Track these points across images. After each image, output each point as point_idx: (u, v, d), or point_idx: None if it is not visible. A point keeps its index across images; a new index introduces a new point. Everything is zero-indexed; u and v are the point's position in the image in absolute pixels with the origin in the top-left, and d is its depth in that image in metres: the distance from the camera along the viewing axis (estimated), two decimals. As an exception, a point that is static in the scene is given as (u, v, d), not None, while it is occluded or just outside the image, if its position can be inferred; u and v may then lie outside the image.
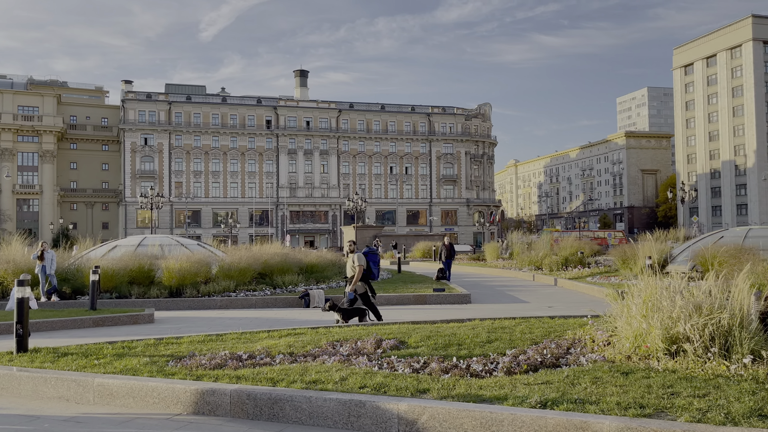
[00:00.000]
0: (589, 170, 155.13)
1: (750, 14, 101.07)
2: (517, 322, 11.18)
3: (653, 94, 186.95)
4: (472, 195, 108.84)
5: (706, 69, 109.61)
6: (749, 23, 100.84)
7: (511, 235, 37.13)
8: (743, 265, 10.24)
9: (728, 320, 7.40)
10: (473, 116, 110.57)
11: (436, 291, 19.38)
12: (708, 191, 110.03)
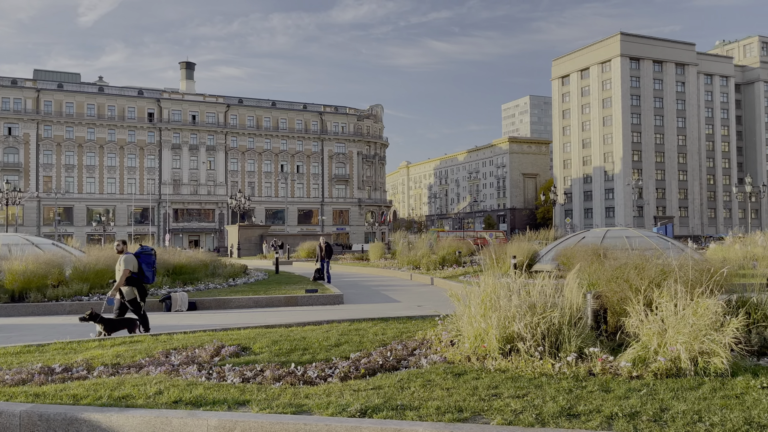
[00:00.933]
0: (475, 173, 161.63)
1: (619, 32, 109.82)
2: (375, 323, 11.02)
3: (535, 102, 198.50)
4: (364, 195, 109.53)
5: (581, 81, 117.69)
6: (618, 40, 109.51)
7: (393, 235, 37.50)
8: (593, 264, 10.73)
9: (559, 319, 7.60)
10: (365, 117, 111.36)
11: (309, 292, 18.96)
12: (581, 195, 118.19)
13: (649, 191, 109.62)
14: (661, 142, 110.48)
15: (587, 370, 6.69)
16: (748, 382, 6.03)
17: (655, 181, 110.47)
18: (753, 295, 8.70)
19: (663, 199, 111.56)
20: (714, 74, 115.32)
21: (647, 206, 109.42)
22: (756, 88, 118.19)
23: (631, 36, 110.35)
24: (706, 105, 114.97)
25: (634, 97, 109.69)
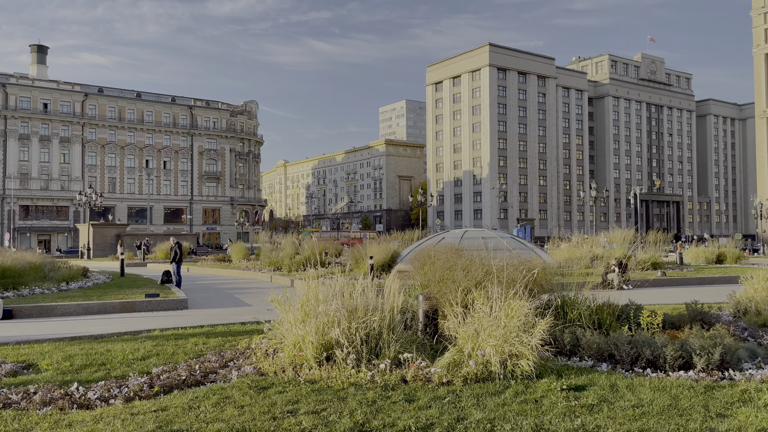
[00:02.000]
0: (353, 174, 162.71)
1: (488, 43, 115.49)
2: (201, 330, 10.14)
3: (411, 106, 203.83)
4: (236, 193, 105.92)
5: (453, 88, 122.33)
6: (487, 51, 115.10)
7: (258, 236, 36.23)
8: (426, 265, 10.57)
9: (379, 323, 7.26)
10: (239, 113, 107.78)
11: (149, 297, 17.44)
12: (452, 197, 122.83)
13: (513, 195, 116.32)
14: (524, 149, 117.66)
15: (400, 378, 6.38)
16: (550, 385, 6.00)
17: (519, 185, 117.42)
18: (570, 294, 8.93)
19: (525, 203, 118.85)
20: (571, 87, 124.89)
21: (511, 209, 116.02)
22: (606, 102, 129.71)
23: (499, 47, 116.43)
24: (563, 116, 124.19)
25: (500, 106, 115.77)
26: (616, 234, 29.55)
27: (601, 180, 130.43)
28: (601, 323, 8.58)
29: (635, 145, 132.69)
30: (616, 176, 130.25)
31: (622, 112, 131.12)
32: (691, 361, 6.73)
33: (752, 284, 11.31)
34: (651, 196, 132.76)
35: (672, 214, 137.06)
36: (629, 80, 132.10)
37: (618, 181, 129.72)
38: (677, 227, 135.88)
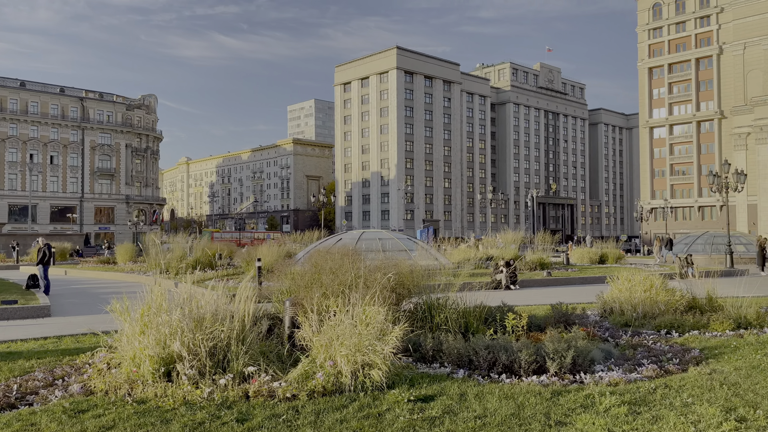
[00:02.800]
0: (260, 173, 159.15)
1: (395, 46, 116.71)
2: (44, 342, 9.09)
3: (320, 106, 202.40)
4: (133, 191, 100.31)
5: (361, 89, 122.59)
6: (394, 53, 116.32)
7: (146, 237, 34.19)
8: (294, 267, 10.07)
9: (228, 333, 6.70)
10: (137, 107, 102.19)
11: (5, 304, 15.79)
12: (360, 198, 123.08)
13: (420, 196, 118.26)
14: (431, 151, 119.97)
15: (243, 394, 5.86)
16: (399, 396, 5.72)
17: (425, 187, 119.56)
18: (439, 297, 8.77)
19: (431, 204, 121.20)
20: (475, 93, 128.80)
21: (417, 210, 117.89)
22: (507, 108, 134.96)
23: (406, 51, 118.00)
24: (467, 120, 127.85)
25: (408, 108, 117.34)
26: (507, 235, 30.46)
27: (502, 183, 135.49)
28: (468, 327, 8.48)
29: (534, 150, 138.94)
30: (516, 179, 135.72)
31: (522, 118, 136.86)
32: (545, 365, 6.70)
33: (617, 285, 11.74)
34: (548, 198, 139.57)
35: (567, 216, 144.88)
36: (529, 88, 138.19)
37: (518, 184, 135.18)
38: (571, 229, 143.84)
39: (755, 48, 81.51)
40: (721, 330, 9.80)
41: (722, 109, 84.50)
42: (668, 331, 9.84)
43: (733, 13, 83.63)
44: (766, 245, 29.54)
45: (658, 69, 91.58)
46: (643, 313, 10.82)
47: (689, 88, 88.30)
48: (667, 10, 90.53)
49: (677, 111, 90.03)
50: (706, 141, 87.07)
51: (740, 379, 6.55)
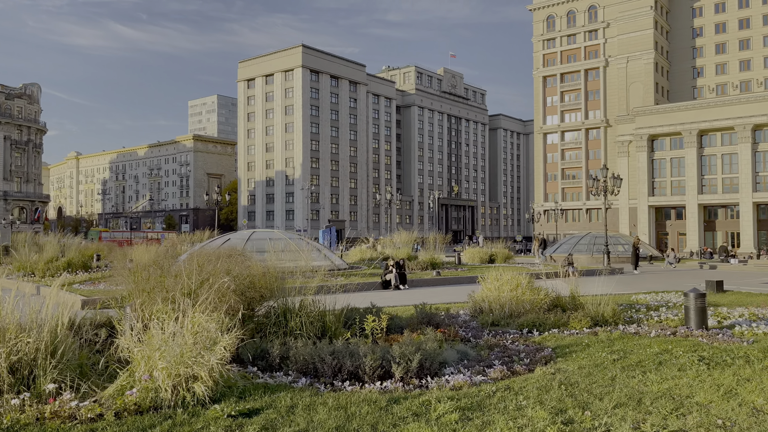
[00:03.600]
0: (157, 170, 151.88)
1: (301, 44, 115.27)
2: None
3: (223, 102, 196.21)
4: (11, 187, 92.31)
5: (266, 86, 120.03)
6: (300, 51, 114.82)
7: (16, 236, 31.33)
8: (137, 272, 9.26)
9: (35, 345, 5.90)
10: (17, 96, 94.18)
11: None
12: (264, 197, 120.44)
13: (325, 196, 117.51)
14: (336, 151, 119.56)
15: (39, 415, 5.12)
16: (219, 412, 5.21)
17: (331, 187, 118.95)
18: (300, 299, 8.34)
19: (337, 204, 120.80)
20: (381, 95, 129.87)
21: (323, 210, 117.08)
22: (412, 111, 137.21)
23: (312, 50, 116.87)
24: (373, 122, 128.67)
25: (313, 108, 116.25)
26: (402, 235, 30.57)
27: (407, 184, 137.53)
28: (325, 331, 8.10)
29: (437, 153, 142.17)
30: (420, 181, 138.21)
31: (426, 121, 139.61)
32: (390, 370, 6.43)
33: (486, 285, 11.84)
34: (450, 200, 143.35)
35: (468, 218, 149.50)
36: (433, 92, 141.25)
37: (422, 186, 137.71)
38: (472, 229, 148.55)
39: (637, 62, 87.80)
40: (579, 328, 10.06)
41: (608, 117, 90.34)
42: (530, 329, 9.98)
43: (618, 29, 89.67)
44: (639, 245, 31.64)
45: (552, 78, 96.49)
46: (509, 312, 10.95)
47: (579, 98, 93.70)
48: (559, 22, 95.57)
49: (568, 118, 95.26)
50: (593, 147, 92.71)
51: (580, 378, 6.60)
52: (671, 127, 78.64)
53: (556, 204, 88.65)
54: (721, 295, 16.22)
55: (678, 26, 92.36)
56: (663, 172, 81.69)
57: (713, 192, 77.53)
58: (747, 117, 72.90)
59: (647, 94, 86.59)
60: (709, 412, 5.37)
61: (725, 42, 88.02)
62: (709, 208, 79.38)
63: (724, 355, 7.75)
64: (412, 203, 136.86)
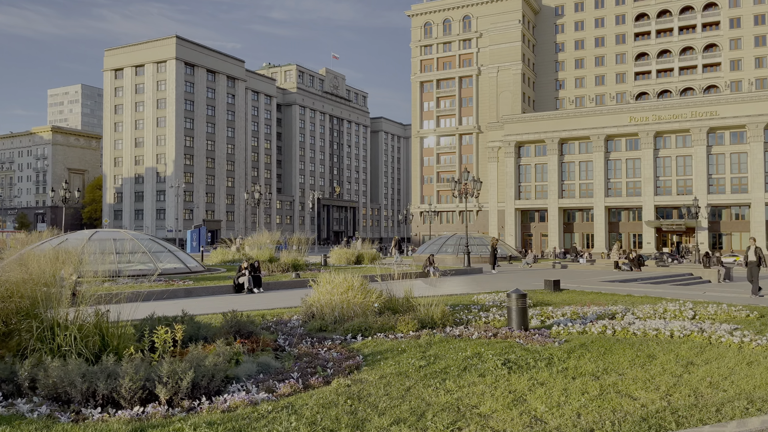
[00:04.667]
0: (9, 163, 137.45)
1: (175, 34, 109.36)
2: None
3: (88, 92, 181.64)
4: None
5: (135, 77, 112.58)
6: (174, 43, 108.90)
7: None
8: None
9: None
10: None
11: None
12: (132, 195, 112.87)
13: (200, 195, 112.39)
14: (213, 148, 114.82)
15: None
16: None
17: (206, 185, 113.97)
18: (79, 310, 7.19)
19: (213, 204, 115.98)
20: (261, 92, 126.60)
21: (197, 209, 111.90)
22: (293, 110, 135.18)
23: (187, 42, 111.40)
24: (253, 119, 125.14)
25: (188, 102, 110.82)
26: (264, 236, 29.44)
27: (288, 184, 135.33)
28: (106, 346, 7.05)
29: (319, 154, 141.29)
30: (301, 181, 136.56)
31: (307, 121, 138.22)
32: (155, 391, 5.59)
33: (319, 288, 11.28)
34: (332, 201, 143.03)
35: (350, 219, 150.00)
36: (315, 92, 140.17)
37: (303, 186, 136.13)
38: (353, 230, 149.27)
39: (506, 72, 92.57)
40: (405, 331, 9.78)
41: (480, 124, 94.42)
42: (355, 335, 9.53)
43: (490, 39, 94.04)
44: (497, 246, 32.89)
45: (428, 84, 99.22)
46: (340, 317, 10.46)
47: (454, 104, 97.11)
48: (436, 29, 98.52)
49: (444, 123, 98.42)
50: (466, 152, 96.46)
51: (375, 389, 6.17)
52: (536, 135, 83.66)
53: (430, 206, 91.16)
54: (557, 293, 16.91)
55: (543, 41, 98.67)
56: (528, 177, 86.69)
57: (572, 196, 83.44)
58: (600, 128, 79.23)
59: (515, 103, 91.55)
60: (488, 423, 5.10)
61: (583, 58, 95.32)
62: (569, 211, 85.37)
63: (529, 358, 7.72)
64: (293, 203, 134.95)
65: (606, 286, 21.59)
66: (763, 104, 71.12)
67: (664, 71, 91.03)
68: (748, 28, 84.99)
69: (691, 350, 8.34)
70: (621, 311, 12.14)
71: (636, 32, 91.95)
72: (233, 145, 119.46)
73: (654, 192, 77.29)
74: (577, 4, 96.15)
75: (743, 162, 73.17)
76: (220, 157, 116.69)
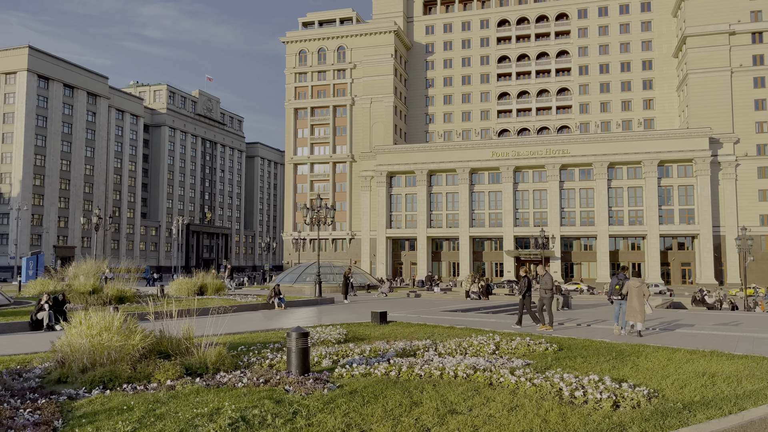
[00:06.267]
0: None
1: (27, 44, 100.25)
2: None
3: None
4: None
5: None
6: (26, 53, 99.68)
7: None
8: None
9: None
10: None
11: None
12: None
13: (51, 219, 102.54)
14: (68, 169, 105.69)
15: None
16: None
17: (59, 209, 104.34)
18: None
19: (66, 228, 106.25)
20: (126, 111, 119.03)
21: (47, 234, 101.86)
22: (162, 131, 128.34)
23: (42, 53, 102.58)
24: (116, 139, 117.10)
25: (40, 118, 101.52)
26: (86, 264, 26.49)
27: (154, 209, 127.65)
28: None
29: (189, 177, 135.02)
30: (169, 206, 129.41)
31: (178, 143, 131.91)
32: None
33: (70, 329, 9.49)
34: (203, 227, 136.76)
35: (221, 246, 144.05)
36: (187, 113, 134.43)
37: (171, 211, 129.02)
38: (225, 258, 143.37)
39: (379, 103, 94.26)
40: (163, 380, 8.38)
41: (353, 153, 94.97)
42: (96, 386, 7.98)
43: (363, 71, 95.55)
44: (350, 276, 32.21)
45: (303, 111, 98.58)
46: (90, 363, 8.84)
47: (328, 132, 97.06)
48: (311, 57, 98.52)
49: (318, 151, 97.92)
50: (340, 180, 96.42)
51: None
52: (406, 166, 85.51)
53: (299, 233, 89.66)
54: (381, 326, 16.24)
55: (415, 75, 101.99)
56: (399, 207, 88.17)
57: (439, 226, 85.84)
58: (466, 161, 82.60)
59: (387, 134, 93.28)
60: None
61: (451, 94, 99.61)
62: (437, 240, 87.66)
63: (275, 411, 6.67)
64: (160, 229, 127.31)
65: (443, 316, 21.42)
66: (606, 145, 77.84)
67: (523, 111, 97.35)
68: (594, 76, 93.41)
69: (464, 394, 7.74)
70: (427, 346, 11.57)
71: (499, 73, 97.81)
72: (93, 165, 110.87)
73: (514, 223, 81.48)
74: (446, 43, 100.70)
75: (591, 197, 79.34)
76: (77, 178, 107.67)
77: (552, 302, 16.54)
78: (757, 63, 79.34)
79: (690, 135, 75.12)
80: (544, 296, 16.50)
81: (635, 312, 16.89)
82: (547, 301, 16.39)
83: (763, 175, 77.33)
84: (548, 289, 16.45)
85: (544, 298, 16.47)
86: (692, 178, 75.96)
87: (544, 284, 16.61)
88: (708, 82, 79.85)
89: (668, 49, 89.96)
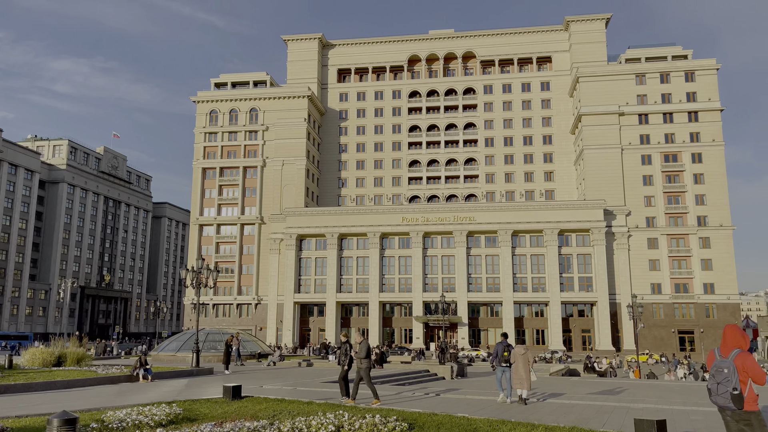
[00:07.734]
0: None
1: None
2: None
3: None
4: None
5: None
6: None
7: None
8: None
9: None
10: None
11: None
12: None
13: None
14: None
15: None
16: None
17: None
18: None
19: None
20: (20, 166, 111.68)
21: None
22: (60, 189, 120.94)
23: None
24: (7, 195, 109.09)
25: None
26: None
27: (45, 271, 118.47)
28: None
29: (88, 238, 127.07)
30: (63, 268, 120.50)
31: (77, 201, 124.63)
32: None
33: None
34: (100, 291, 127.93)
35: (120, 311, 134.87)
36: (89, 170, 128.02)
37: (64, 273, 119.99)
38: (123, 324, 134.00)
39: (291, 166, 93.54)
40: None
41: (263, 215, 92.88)
42: None
43: (276, 133, 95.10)
44: (232, 343, 30.05)
45: (211, 170, 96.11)
46: None
47: (237, 193, 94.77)
48: (222, 118, 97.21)
49: (225, 212, 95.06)
50: (248, 243, 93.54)
51: None
52: (317, 229, 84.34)
53: (209, 299, 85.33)
54: (232, 403, 14.54)
55: (328, 140, 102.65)
56: (309, 271, 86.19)
57: (350, 291, 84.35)
58: (377, 226, 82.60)
59: (299, 196, 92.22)
60: None
61: (364, 160, 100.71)
62: (346, 306, 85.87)
63: None
64: (50, 292, 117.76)
65: (320, 388, 19.93)
66: (510, 213, 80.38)
67: (433, 178, 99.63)
68: (499, 148, 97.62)
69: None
70: (259, 428, 10.14)
71: (410, 141, 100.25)
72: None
73: (423, 288, 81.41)
74: (360, 111, 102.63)
75: (496, 264, 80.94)
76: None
77: (369, 372, 15.32)
78: (644, 142, 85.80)
79: (586, 206, 79.12)
80: (360, 367, 15.26)
81: (521, 380, 16.31)
82: (364, 372, 15.19)
83: (652, 246, 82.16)
84: (363, 358, 15.28)
85: (361, 369, 15.23)
86: (590, 247, 79.42)
87: (360, 353, 15.38)
88: (601, 158, 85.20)
89: (566, 126, 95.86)
